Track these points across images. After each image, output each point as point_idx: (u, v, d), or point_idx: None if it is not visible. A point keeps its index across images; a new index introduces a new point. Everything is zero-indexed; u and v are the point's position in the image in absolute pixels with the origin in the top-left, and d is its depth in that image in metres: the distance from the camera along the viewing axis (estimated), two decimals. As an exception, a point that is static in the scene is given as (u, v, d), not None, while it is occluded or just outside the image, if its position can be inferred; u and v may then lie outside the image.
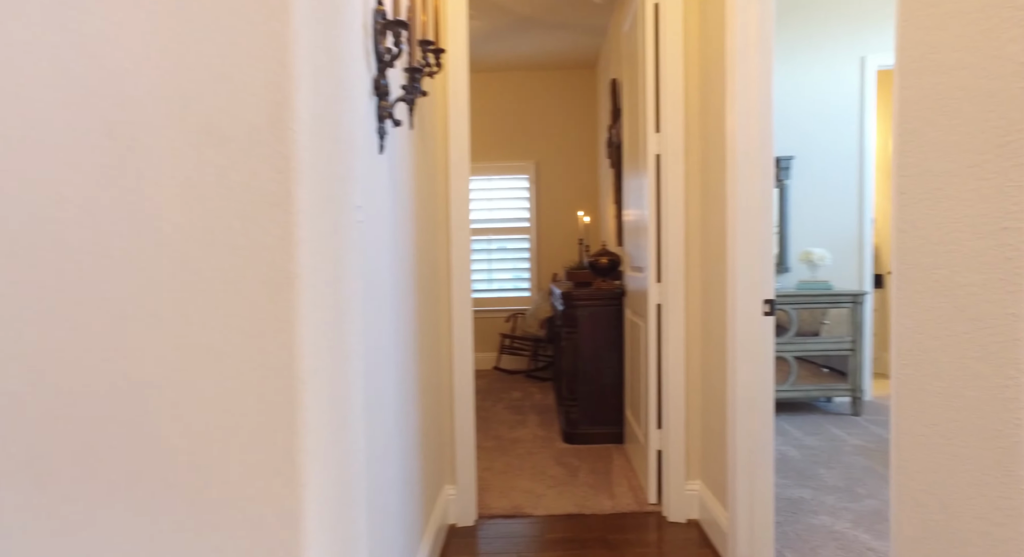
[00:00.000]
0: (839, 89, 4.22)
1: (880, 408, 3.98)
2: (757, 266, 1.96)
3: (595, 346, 3.44)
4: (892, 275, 1.02)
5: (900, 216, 0.99)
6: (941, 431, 0.88)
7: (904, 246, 0.98)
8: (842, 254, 4.25)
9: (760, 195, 2.00)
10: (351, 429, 0.94)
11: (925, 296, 0.92)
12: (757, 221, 1.99)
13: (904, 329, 0.98)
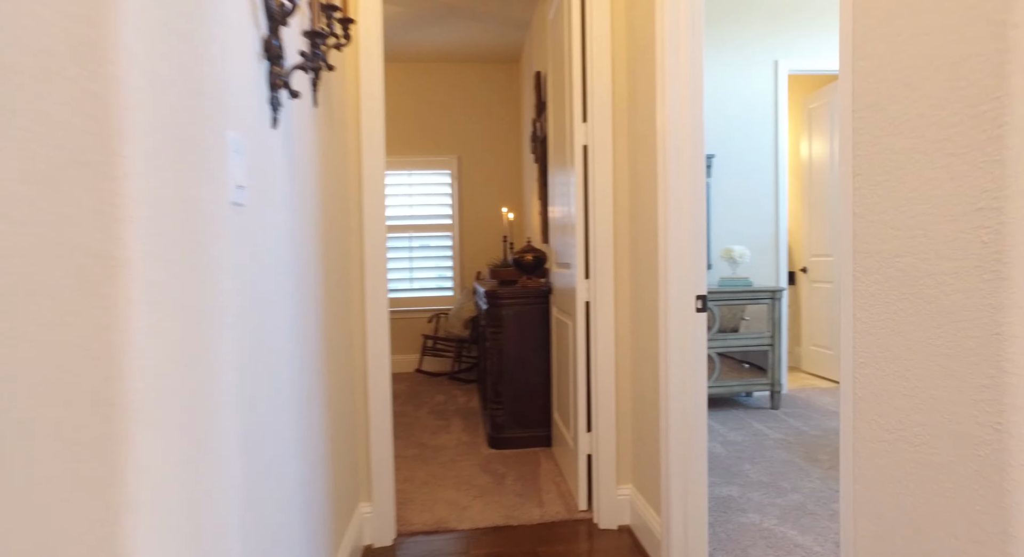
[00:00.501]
0: (754, 91, 4.32)
1: (796, 401, 4.10)
2: (689, 261, 1.89)
3: (521, 346, 3.31)
4: (849, 265, 0.93)
5: (857, 200, 0.90)
6: (908, 437, 0.80)
7: (861, 233, 0.89)
8: (759, 251, 4.35)
9: (692, 188, 1.92)
10: (215, 465, 0.73)
11: (886, 287, 0.83)
12: (689, 215, 1.91)
13: (862, 325, 0.89)
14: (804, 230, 5.07)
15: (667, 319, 1.92)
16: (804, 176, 5.08)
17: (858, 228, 0.89)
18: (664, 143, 1.94)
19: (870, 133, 0.85)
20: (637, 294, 2.26)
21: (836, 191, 4.60)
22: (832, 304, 4.69)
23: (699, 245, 1.90)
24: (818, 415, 3.74)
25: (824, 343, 4.82)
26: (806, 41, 4.32)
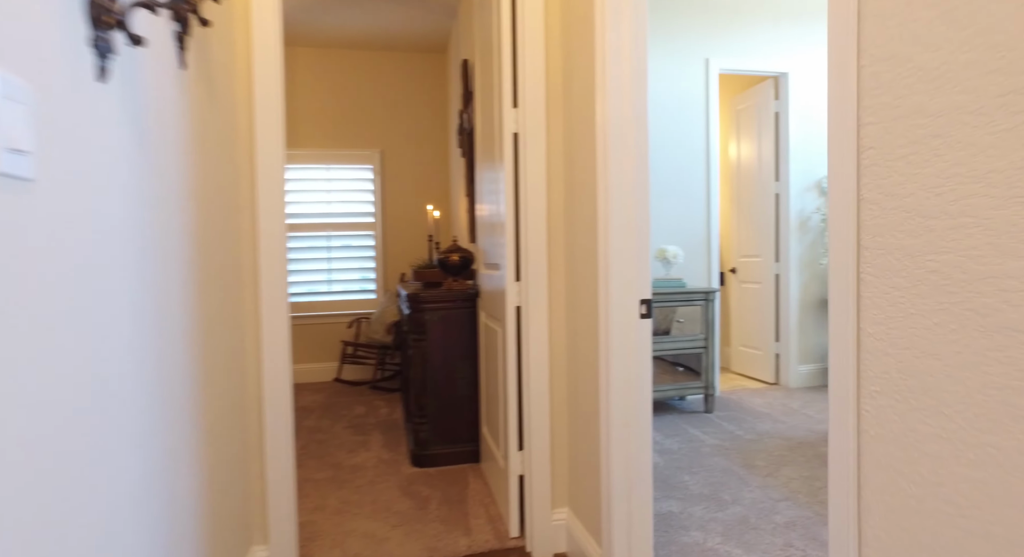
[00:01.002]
0: (686, 89, 4.25)
1: (728, 403, 4.05)
2: (633, 262, 1.68)
3: (447, 354, 3.03)
4: (848, 264, 0.73)
5: (865, 182, 0.69)
6: (950, 497, 0.60)
7: (872, 223, 0.68)
8: (691, 252, 4.28)
9: (636, 181, 1.72)
10: None
11: (914, 294, 0.63)
12: (633, 211, 1.71)
13: (875, 342, 0.68)
14: (733, 231, 5.07)
15: (608, 326, 1.70)
16: (732, 177, 5.09)
17: (867, 217, 0.69)
18: (605, 130, 1.73)
19: (889, 92, 0.65)
20: (574, 298, 2.04)
21: (764, 193, 4.62)
22: (761, 304, 4.70)
23: (643, 244, 1.70)
24: (751, 418, 3.68)
25: (753, 343, 4.83)
26: (737, 40, 4.29)
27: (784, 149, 4.43)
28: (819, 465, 2.84)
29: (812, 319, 4.49)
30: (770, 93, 4.51)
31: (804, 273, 4.46)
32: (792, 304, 4.43)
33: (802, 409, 3.85)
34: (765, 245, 4.63)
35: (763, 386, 4.55)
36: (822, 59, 4.41)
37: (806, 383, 4.50)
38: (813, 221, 4.46)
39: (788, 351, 4.47)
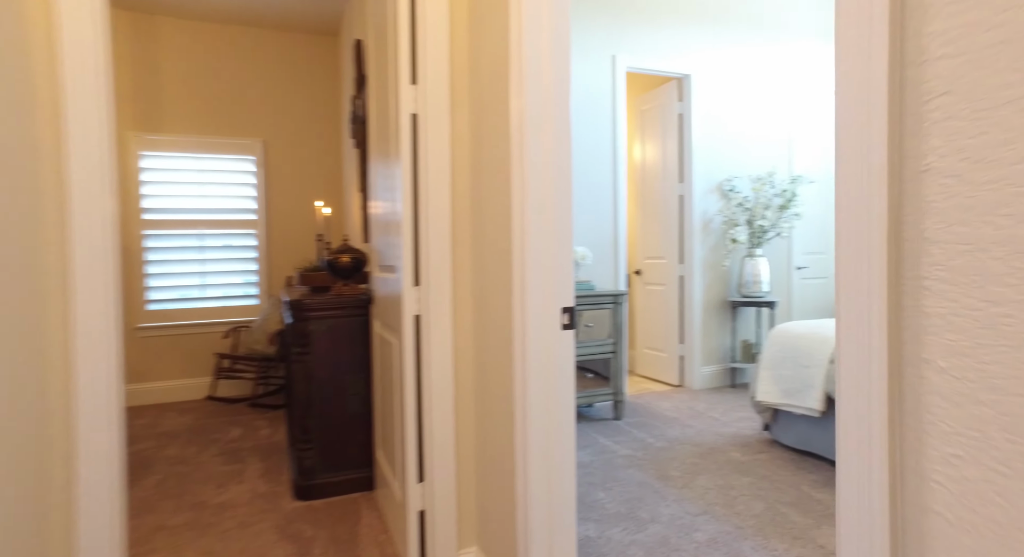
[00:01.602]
0: (593, 86, 4.12)
1: (636, 408, 3.96)
2: (554, 265, 1.44)
3: (335, 369, 2.66)
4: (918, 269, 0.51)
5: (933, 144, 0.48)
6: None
7: (942, 205, 0.47)
8: (599, 254, 4.16)
9: (557, 173, 1.48)
10: None
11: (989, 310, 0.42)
12: (554, 208, 1.47)
13: (952, 382, 0.47)
14: (638, 232, 5.04)
15: (525, 339, 1.45)
16: (637, 178, 5.06)
17: (934, 195, 0.48)
18: (521, 112, 1.47)
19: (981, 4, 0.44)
20: (484, 306, 1.77)
21: (668, 195, 4.62)
22: (665, 306, 4.69)
23: (565, 245, 1.46)
24: (660, 423, 3.60)
25: (657, 346, 4.81)
26: (643, 39, 4.23)
27: (688, 151, 4.43)
28: (731, 472, 2.77)
29: (715, 320, 4.53)
30: (674, 94, 4.50)
31: (707, 274, 4.48)
32: (696, 306, 4.44)
33: (708, 412, 3.83)
34: (670, 247, 4.62)
35: (668, 389, 4.53)
36: (725, 62, 4.47)
37: (709, 384, 4.52)
38: (716, 223, 4.50)
39: (692, 353, 4.47)
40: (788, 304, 4.80)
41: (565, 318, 1.44)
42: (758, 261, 4.34)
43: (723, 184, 4.50)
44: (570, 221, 1.48)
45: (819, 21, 4.79)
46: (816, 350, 2.79)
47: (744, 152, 4.58)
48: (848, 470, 0.63)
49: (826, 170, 4.94)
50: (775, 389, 2.98)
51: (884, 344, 0.52)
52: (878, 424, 0.54)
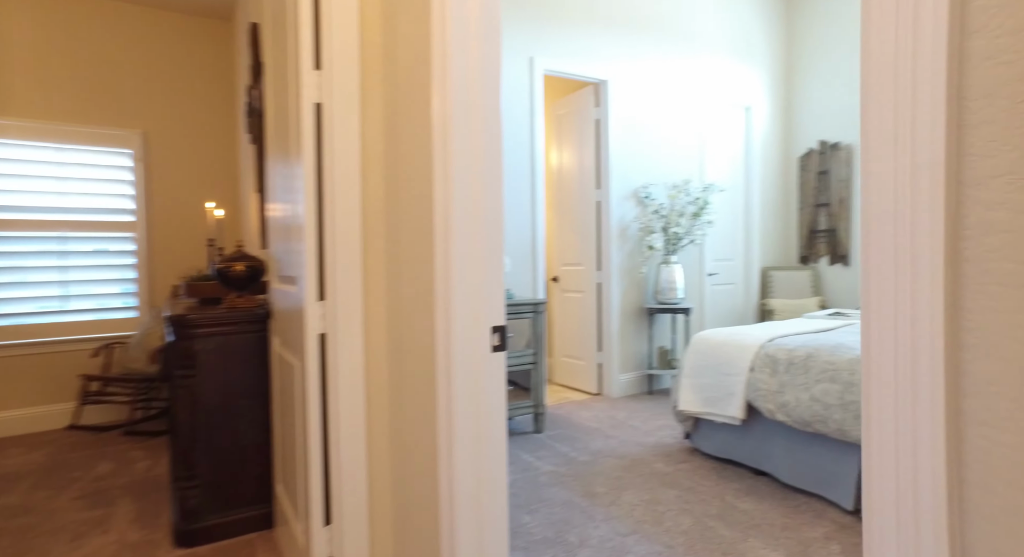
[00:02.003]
0: (511, 87, 3.99)
1: (557, 420, 3.85)
2: (483, 279, 1.26)
3: (227, 392, 2.32)
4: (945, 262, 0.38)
5: None
6: None
7: None
8: (518, 261, 4.03)
9: (488, 173, 1.30)
10: None
11: None
12: (484, 214, 1.29)
13: None
14: (555, 239, 4.97)
15: (449, 363, 1.25)
16: (554, 184, 4.99)
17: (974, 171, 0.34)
18: (445, 101, 1.28)
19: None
20: (401, 325, 1.56)
21: (586, 201, 4.58)
22: (583, 314, 4.64)
23: (495, 255, 1.28)
24: (582, 435, 3.51)
25: (575, 354, 4.75)
26: (561, 42, 4.16)
27: (605, 157, 4.41)
28: (656, 485, 2.71)
29: (632, 327, 4.53)
30: (591, 100, 4.47)
31: (624, 281, 4.47)
32: (614, 313, 4.42)
33: (628, 421, 3.79)
34: (587, 253, 4.58)
35: (587, 397, 4.48)
36: (641, 70, 4.49)
37: (627, 392, 4.51)
38: (632, 230, 4.50)
39: (610, 361, 4.44)
40: (701, 310, 4.90)
41: (496, 338, 1.26)
42: (673, 268, 4.39)
43: (639, 191, 4.52)
44: (501, 228, 1.30)
45: (728, 38, 4.95)
46: (736, 358, 2.79)
47: (659, 160, 4.63)
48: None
49: (733, 179, 5.11)
50: (696, 398, 2.96)
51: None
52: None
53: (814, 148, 5.14)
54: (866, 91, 0.53)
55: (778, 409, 2.53)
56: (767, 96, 5.25)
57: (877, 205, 0.53)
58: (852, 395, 2.28)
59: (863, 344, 0.58)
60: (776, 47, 5.30)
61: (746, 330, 2.99)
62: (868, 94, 0.53)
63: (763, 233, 5.27)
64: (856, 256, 4.84)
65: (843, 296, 4.95)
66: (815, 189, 5.12)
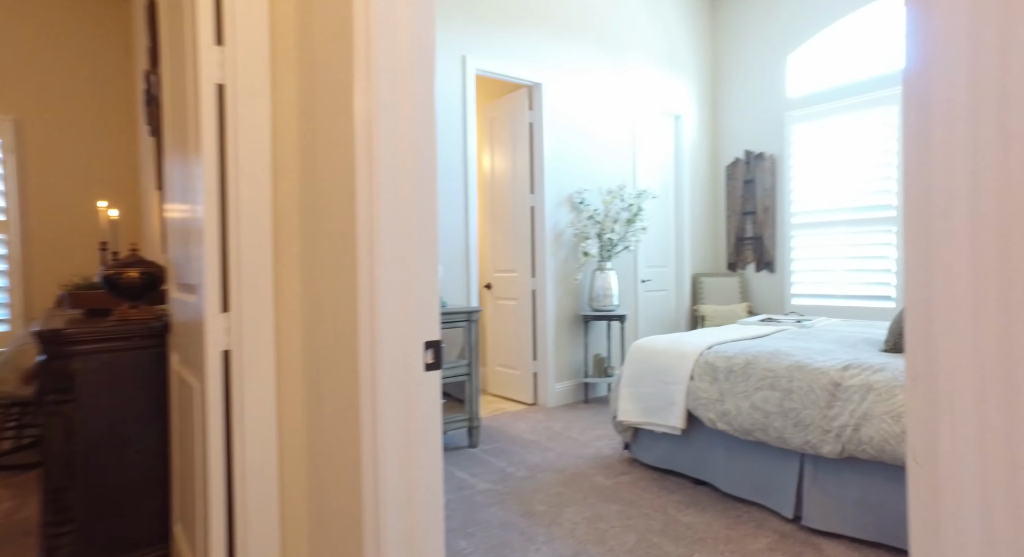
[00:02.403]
0: (442, 87, 3.82)
1: (492, 433, 3.69)
2: (416, 288, 1.08)
3: (114, 418, 2.01)
4: None
5: None
6: None
7: None
8: (450, 267, 3.85)
9: (420, 169, 1.13)
10: None
11: None
12: (418, 216, 1.11)
13: None
14: (488, 245, 4.83)
15: (376, 386, 1.07)
16: (487, 188, 4.85)
17: None
18: (370, 90, 1.10)
19: None
20: (319, 341, 1.35)
21: (520, 206, 4.46)
22: (518, 322, 4.51)
23: (429, 264, 1.11)
24: (519, 448, 3.36)
25: (510, 363, 4.61)
26: (494, 42, 4.03)
27: (539, 161, 4.31)
28: (597, 500, 2.60)
29: (567, 335, 4.44)
30: (525, 103, 4.37)
31: (559, 288, 4.39)
32: (549, 320, 4.32)
33: (566, 432, 3.68)
34: (521, 260, 4.46)
35: (523, 408, 4.34)
36: (575, 74, 4.43)
37: (563, 401, 4.42)
38: (567, 236, 4.43)
39: (546, 369, 4.34)
40: (635, 317, 4.89)
41: (429, 355, 1.09)
42: (608, 274, 4.34)
43: (574, 196, 4.45)
44: (434, 233, 1.14)
45: (658, 48, 5.00)
46: (676, 366, 2.74)
47: (593, 165, 4.59)
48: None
49: (665, 187, 5.15)
50: (636, 407, 2.89)
51: None
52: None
53: (740, 158, 5.28)
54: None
55: (719, 418, 2.48)
56: (695, 106, 5.34)
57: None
58: (791, 402, 2.25)
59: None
60: (703, 59, 5.42)
61: (685, 337, 2.95)
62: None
63: (693, 240, 5.35)
64: (780, 262, 4.98)
65: (769, 302, 5.09)
66: (742, 197, 5.25)
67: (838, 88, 4.61)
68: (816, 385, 2.20)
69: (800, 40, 4.83)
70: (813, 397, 2.20)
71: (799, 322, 3.40)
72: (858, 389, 2.09)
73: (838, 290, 4.63)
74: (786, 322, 3.44)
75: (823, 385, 2.19)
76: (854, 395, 2.09)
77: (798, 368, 2.30)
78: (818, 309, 4.73)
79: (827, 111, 4.66)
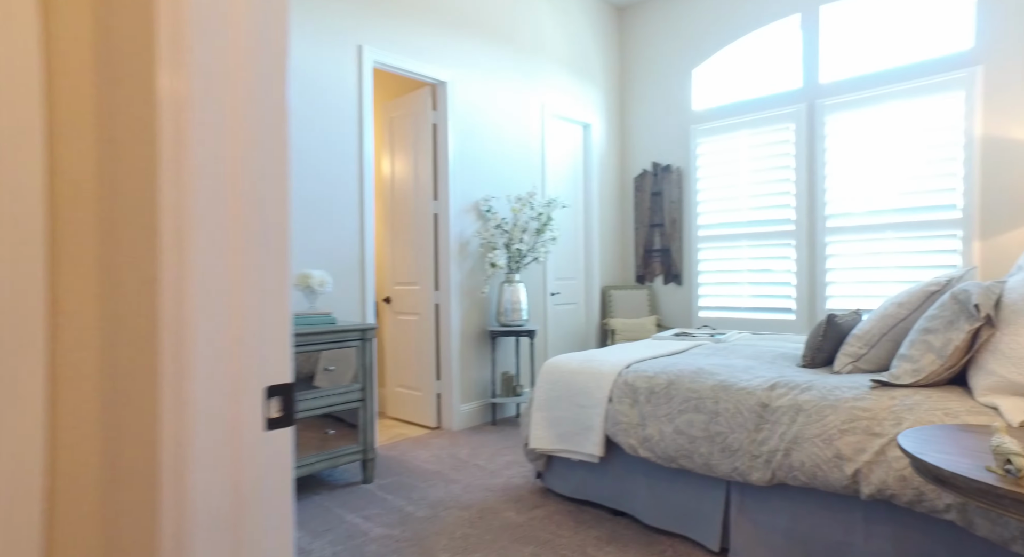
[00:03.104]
0: (334, 78, 3.43)
1: (390, 464, 3.29)
2: (253, 313, 0.73)
3: None
4: None
5: None
6: None
7: None
8: (343, 279, 3.43)
9: (264, 162, 0.79)
10: None
11: None
12: (258, 217, 0.77)
13: None
14: (387, 255, 4.43)
15: (185, 456, 0.70)
16: (387, 193, 4.46)
17: None
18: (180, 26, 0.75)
19: None
20: (117, 388, 0.94)
21: (422, 213, 4.12)
22: (420, 338, 4.15)
23: (276, 277, 0.76)
24: (420, 482, 2.99)
25: (411, 383, 4.23)
26: (395, 33, 3.69)
27: (443, 165, 4.00)
28: (509, 541, 2.30)
29: (474, 352, 4.14)
30: (428, 102, 4.05)
31: (465, 302, 4.08)
32: (453, 337, 3.99)
33: (472, 459, 3.36)
34: (424, 271, 4.11)
35: (425, 432, 3.97)
36: (483, 75, 4.17)
37: (469, 423, 4.09)
38: (473, 245, 4.13)
39: (451, 390, 4.00)
40: (545, 332, 4.68)
41: (274, 407, 0.74)
42: (517, 287, 4.09)
43: (481, 203, 4.18)
44: (284, 236, 0.79)
45: (568, 56, 4.87)
46: (592, 387, 2.51)
47: (501, 171, 4.34)
48: None
49: (574, 197, 5.01)
50: (550, 434, 2.62)
51: None
52: None
53: (648, 169, 5.25)
54: None
55: (641, 444, 2.27)
56: (604, 116, 5.27)
57: None
58: (718, 426, 2.08)
59: None
60: (611, 69, 5.37)
61: (601, 355, 2.73)
62: None
63: (603, 252, 5.24)
64: (688, 275, 4.98)
65: (677, 314, 5.07)
66: (650, 209, 5.22)
67: (741, 103, 4.69)
68: (743, 406, 2.04)
69: (704, 55, 4.88)
70: (740, 419, 2.03)
71: (713, 336, 3.31)
72: (787, 410, 1.94)
73: (743, 303, 4.67)
74: (701, 336, 3.34)
75: (750, 406, 2.03)
76: (783, 417, 1.94)
77: (723, 388, 2.13)
78: (724, 322, 4.75)
79: (730, 126, 4.72)
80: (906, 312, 2.14)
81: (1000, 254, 3.61)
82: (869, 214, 4.07)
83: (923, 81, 3.84)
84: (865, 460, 1.72)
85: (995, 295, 1.84)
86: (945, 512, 1.60)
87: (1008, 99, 3.59)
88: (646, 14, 5.27)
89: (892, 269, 3.96)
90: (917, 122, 3.88)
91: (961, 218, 3.74)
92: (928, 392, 1.83)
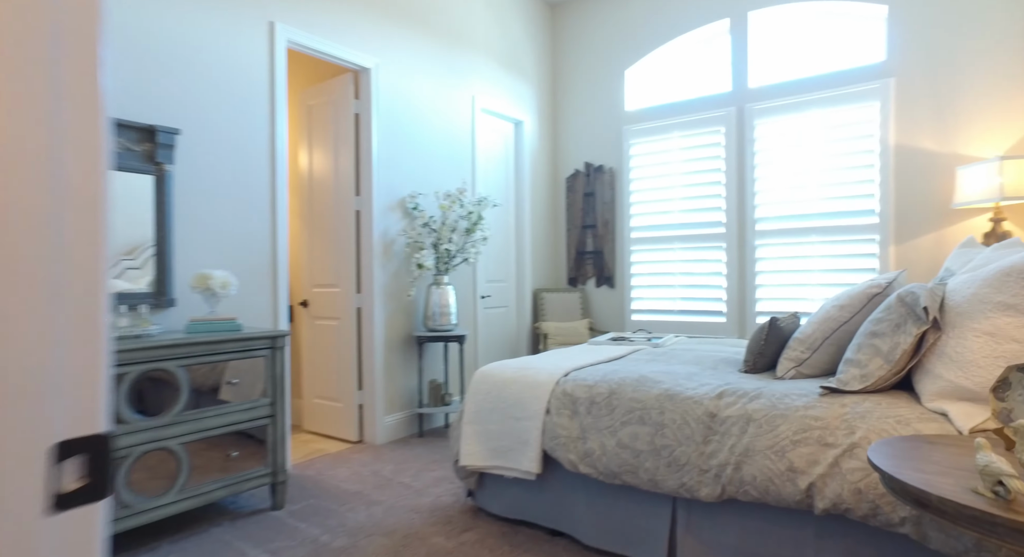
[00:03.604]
0: (242, 59, 3.07)
1: (304, 485, 2.96)
2: (36, 332, 0.47)
3: None
4: None
5: None
6: None
7: None
8: (251, 280, 3.08)
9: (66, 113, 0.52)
10: None
11: None
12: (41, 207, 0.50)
13: None
14: (304, 254, 4.08)
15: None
16: (304, 188, 4.11)
17: None
18: None
19: None
20: None
21: (343, 210, 3.81)
22: (340, 345, 3.82)
23: (89, 283, 0.51)
24: (338, 505, 2.70)
25: (331, 394, 3.89)
26: (314, 11, 3.37)
27: (367, 159, 3.70)
28: (436, 573, 2.06)
29: (399, 360, 3.86)
30: (350, 90, 3.74)
31: (390, 305, 3.79)
32: (377, 343, 3.70)
33: (397, 476, 3.08)
34: (345, 272, 3.79)
35: (346, 447, 3.65)
36: (411, 63, 3.91)
37: (394, 436, 3.81)
38: (398, 245, 3.86)
39: (374, 400, 3.70)
40: (475, 336, 4.45)
41: (71, 473, 0.48)
42: (445, 290, 3.86)
43: (407, 200, 3.91)
44: (100, 230, 0.54)
45: (500, 50, 4.68)
46: (528, 398, 2.31)
47: (429, 167, 4.09)
48: None
49: (505, 196, 4.83)
50: (482, 449, 2.41)
51: None
52: None
53: (580, 170, 5.15)
54: None
55: (581, 460, 2.10)
56: (536, 113, 5.13)
57: None
58: (664, 439, 1.93)
59: None
60: (543, 66, 5.23)
61: (536, 363, 2.55)
62: None
63: (534, 254, 5.09)
64: (620, 278, 4.91)
65: (610, 318, 4.98)
66: (582, 211, 5.11)
67: (673, 105, 4.67)
68: (690, 417, 1.91)
69: (638, 55, 4.84)
70: (688, 431, 1.89)
71: (651, 340, 3.21)
72: (736, 420, 1.82)
73: (675, 306, 4.65)
74: (638, 341, 3.22)
75: (698, 417, 1.90)
76: (733, 428, 1.82)
77: (668, 397, 1.99)
78: (657, 325, 4.71)
79: (663, 127, 4.69)
80: (848, 315, 2.08)
81: (913, 258, 3.74)
82: (795, 218, 4.13)
83: (843, 90, 3.94)
84: (819, 473, 1.62)
85: (939, 297, 1.79)
86: (900, 525, 1.51)
87: (918, 111, 3.72)
88: (579, 12, 5.18)
89: (817, 272, 4.03)
90: (838, 130, 3.97)
91: (878, 223, 3.84)
92: (877, 398, 1.76)
